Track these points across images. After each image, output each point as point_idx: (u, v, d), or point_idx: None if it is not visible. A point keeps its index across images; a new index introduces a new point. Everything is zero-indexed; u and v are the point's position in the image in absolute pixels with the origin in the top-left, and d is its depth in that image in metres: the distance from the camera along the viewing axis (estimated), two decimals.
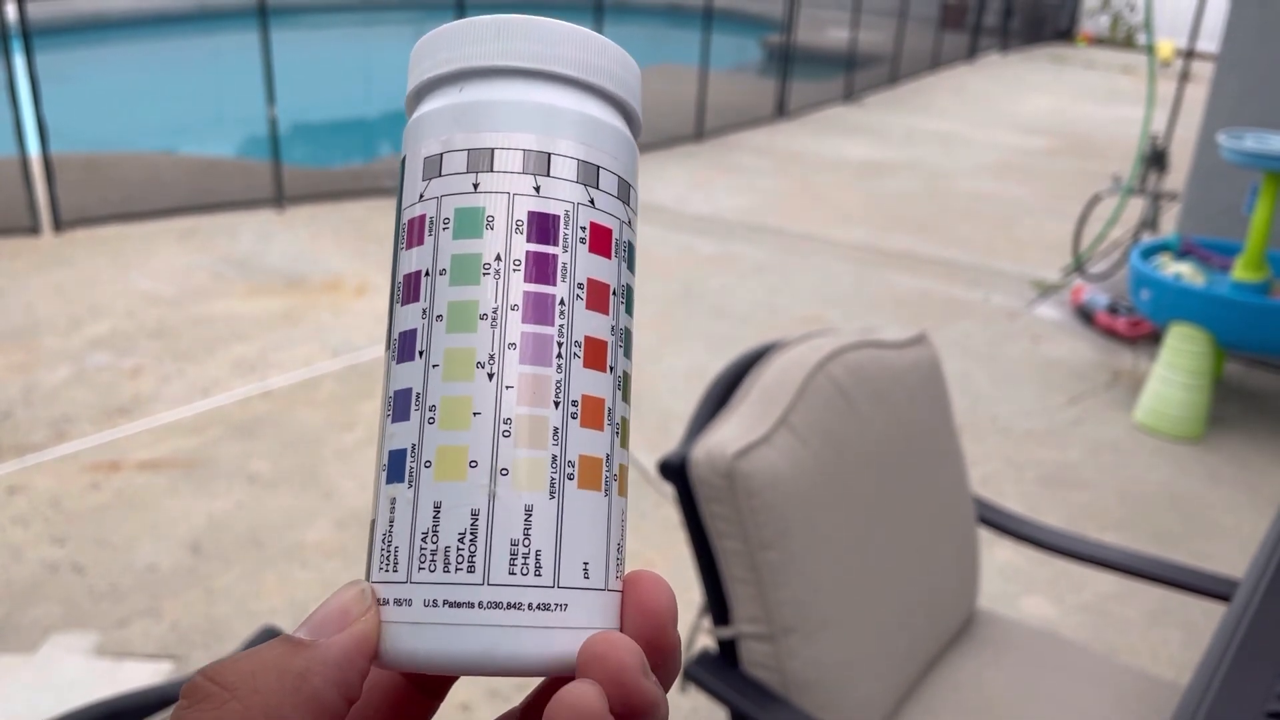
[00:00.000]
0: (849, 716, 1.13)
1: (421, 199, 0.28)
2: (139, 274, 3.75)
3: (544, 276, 0.27)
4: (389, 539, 0.26)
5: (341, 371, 3.03)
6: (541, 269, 0.27)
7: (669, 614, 0.27)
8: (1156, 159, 4.20)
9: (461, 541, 0.25)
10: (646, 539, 2.25)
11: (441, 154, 0.27)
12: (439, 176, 0.27)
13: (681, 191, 5.36)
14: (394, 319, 0.28)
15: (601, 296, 0.27)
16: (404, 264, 0.28)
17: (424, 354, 0.27)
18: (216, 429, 2.66)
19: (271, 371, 3.01)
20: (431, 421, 0.26)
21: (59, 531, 2.20)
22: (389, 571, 0.26)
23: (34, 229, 4.08)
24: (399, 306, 0.28)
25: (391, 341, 0.28)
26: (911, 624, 1.25)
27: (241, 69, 4.70)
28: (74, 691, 1.75)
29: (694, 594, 1.17)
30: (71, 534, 2.20)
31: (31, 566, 2.09)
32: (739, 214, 5.03)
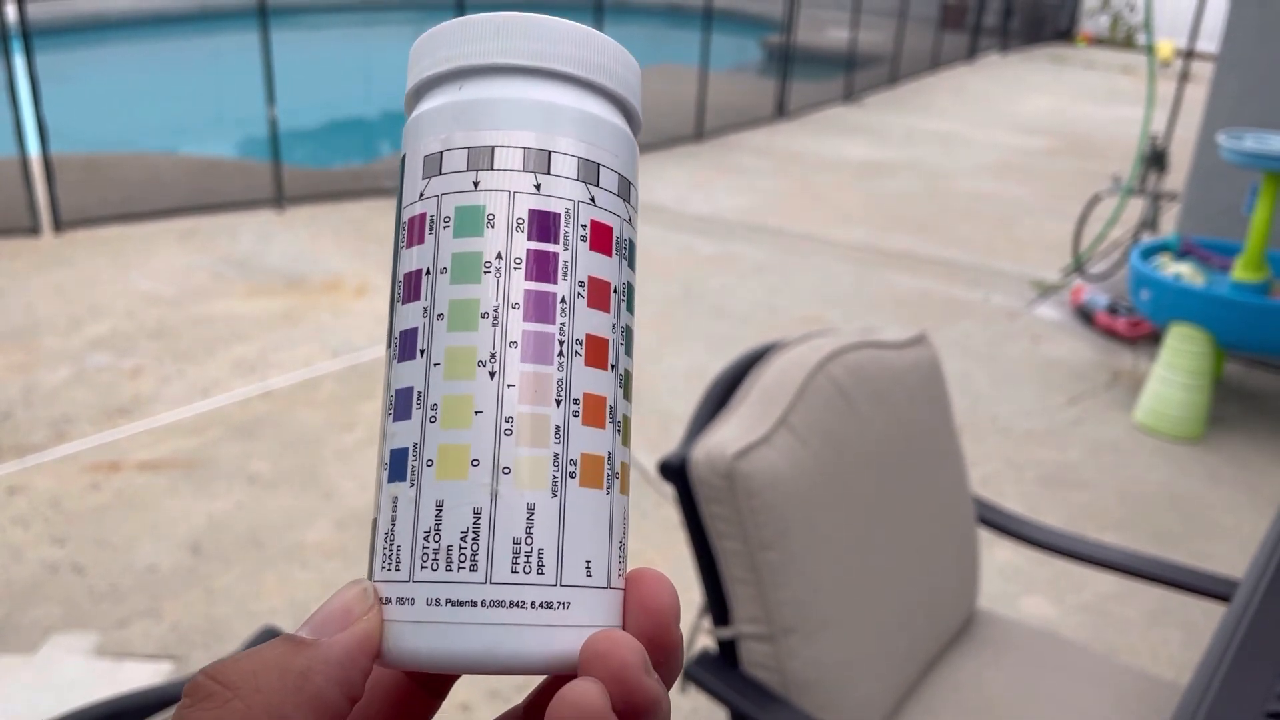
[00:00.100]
0: (849, 717, 1.13)
1: (422, 197, 0.28)
2: (139, 274, 3.75)
3: (545, 274, 0.26)
4: (391, 538, 0.26)
5: (341, 372, 3.03)
6: (542, 267, 0.27)
7: (671, 612, 0.27)
8: (1156, 159, 4.20)
9: (464, 540, 0.25)
10: (647, 539, 2.25)
11: (441, 152, 0.27)
12: (439, 175, 0.27)
13: (681, 191, 5.36)
14: (395, 318, 0.28)
15: (603, 294, 0.27)
16: (404, 263, 0.28)
17: (425, 353, 0.27)
18: (216, 429, 2.66)
19: (271, 372, 3.01)
20: (433, 420, 0.26)
21: (59, 532, 2.20)
22: (391, 570, 0.26)
23: (34, 229, 4.09)
24: (400, 305, 0.28)
25: (392, 340, 0.28)
26: (911, 624, 1.25)
27: (241, 69, 4.70)
28: (74, 692, 1.75)
29: (694, 594, 1.17)
30: (71, 534, 2.20)
31: (31, 567, 2.09)
32: (739, 214, 5.03)
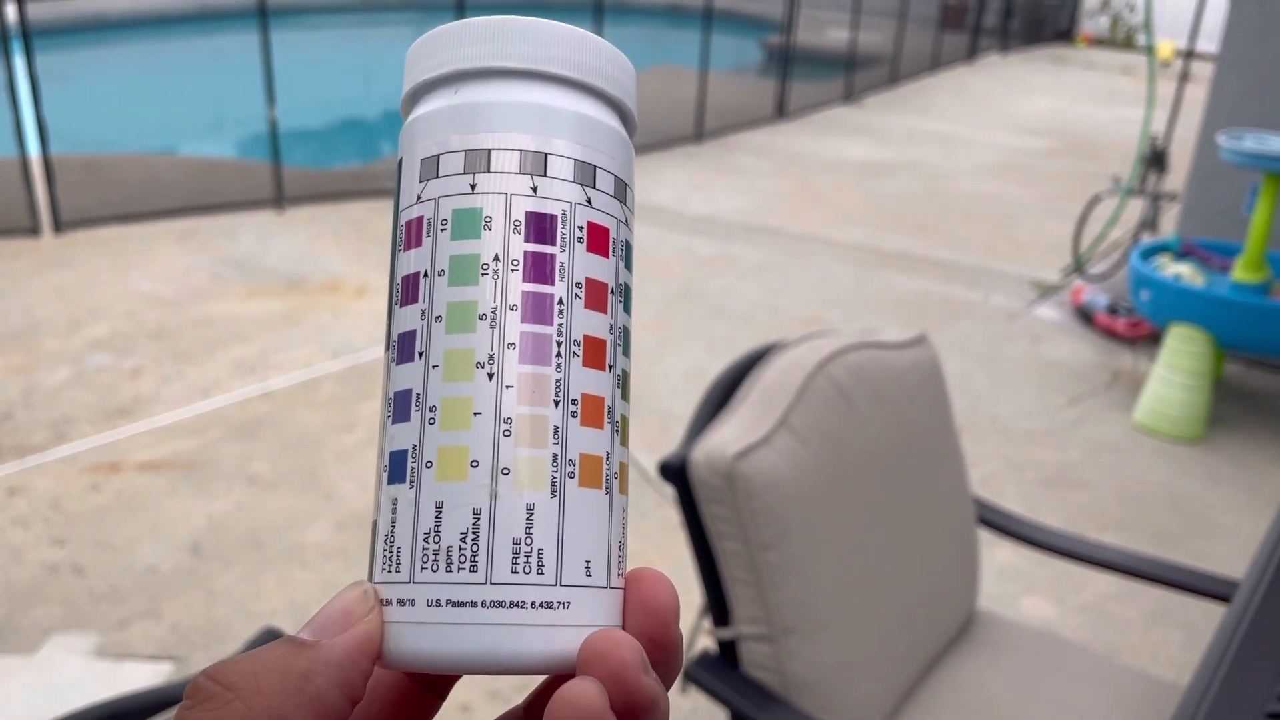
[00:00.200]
0: (849, 717, 1.13)
1: (419, 200, 0.28)
2: (139, 275, 3.75)
3: (542, 276, 0.27)
4: (391, 540, 0.26)
5: (341, 373, 3.03)
6: (539, 269, 0.27)
7: (671, 611, 0.27)
8: (1156, 159, 4.20)
9: (464, 541, 0.25)
10: (647, 539, 2.25)
11: (438, 155, 0.28)
12: (436, 178, 0.27)
13: (681, 192, 5.36)
14: (393, 320, 0.28)
15: (600, 295, 0.27)
16: (402, 265, 0.28)
17: (423, 355, 0.27)
18: (216, 430, 2.66)
19: (271, 373, 3.01)
20: (432, 422, 0.26)
21: (59, 533, 2.20)
22: (391, 572, 0.26)
23: (34, 230, 4.09)
24: (398, 308, 0.28)
25: (391, 343, 0.28)
26: (911, 624, 1.25)
27: (241, 70, 4.70)
28: (74, 693, 1.75)
29: (694, 595, 1.17)
30: (71, 535, 2.20)
31: (31, 568, 2.09)
32: (739, 215, 5.03)
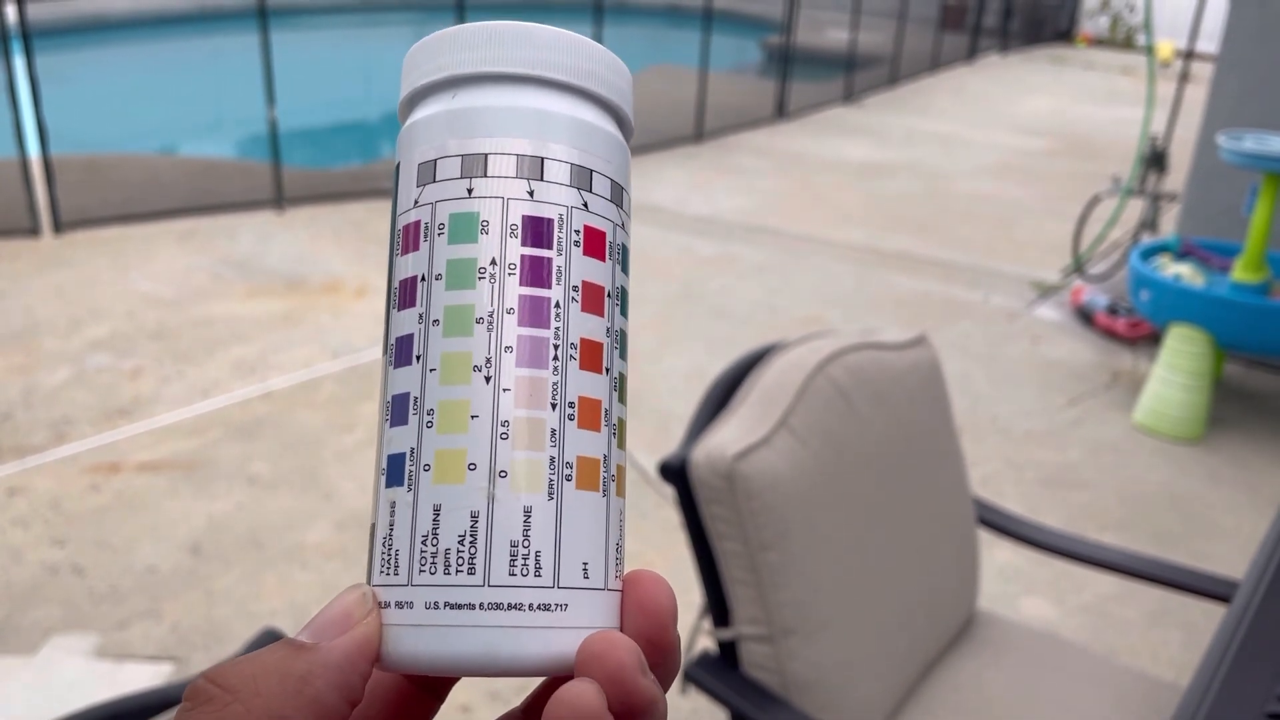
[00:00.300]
0: (849, 718, 1.13)
1: (416, 205, 0.28)
2: (139, 275, 3.75)
3: (539, 280, 0.27)
4: (389, 542, 0.26)
5: (341, 373, 3.03)
6: (536, 272, 0.27)
7: (669, 613, 0.27)
8: (1156, 160, 4.19)
9: (461, 543, 0.25)
10: (647, 540, 2.25)
11: (435, 160, 0.28)
12: (433, 182, 0.28)
13: (681, 192, 5.36)
14: (390, 324, 0.28)
15: (596, 299, 0.28)
16: (400, 270, 0.28)
17: (421, 358, 0.27)
18: (216, 430, 2.66)
19: (271, 373, 3.01)
20: (430, 425, 0.26)
21: (59, 533, 2.21)
22: (390, 574, 0.26)
23: (34, 230, 4.09)
24: (395, 312, 0.28)
25: (388, 347, 0.28)
26: (911, 625, 1.25)
27: (241, 70, 4.70)
28: (74, 693, 1.75)
29: (694, 595, 1.17)
30: (71, 536, 2.20)
31: (31, 568, 2.09)
32: (739, 215, 5.03)
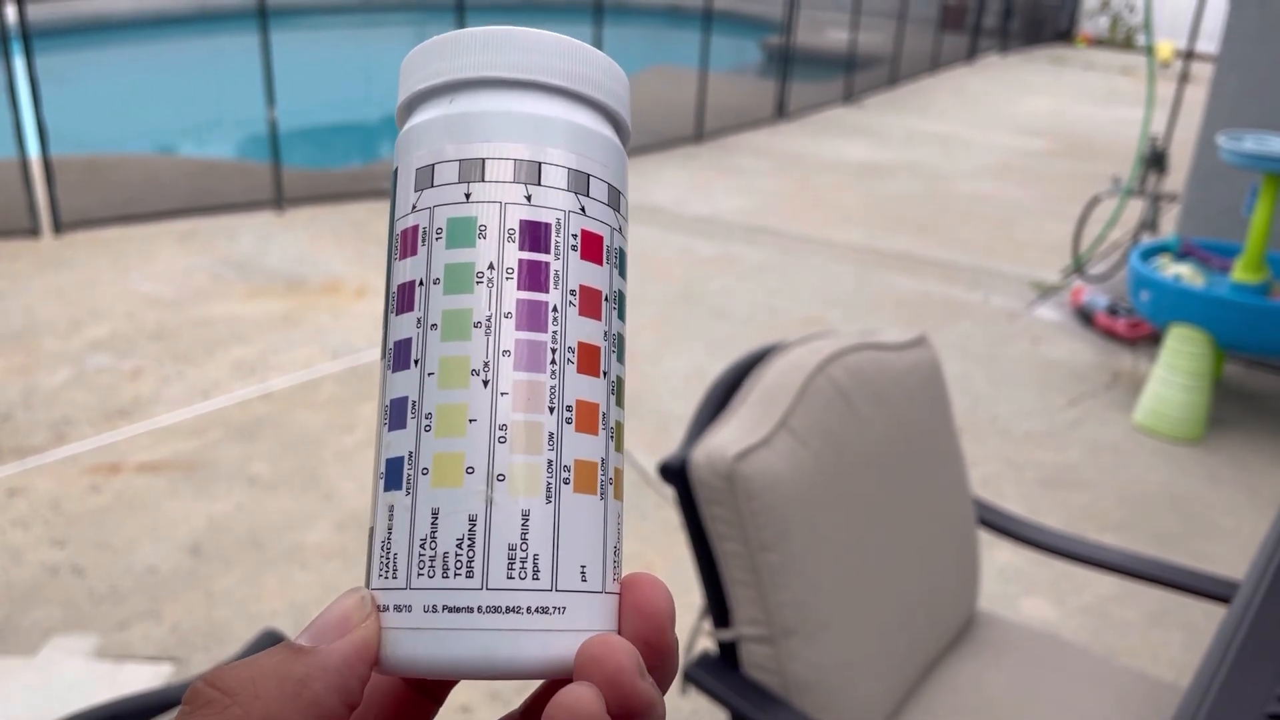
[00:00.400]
0: (849, 718, 1.13)
1: (414, 209, 0.28)
2: (139, 276, 3.75)
3: (537, 284, 0.27)
4: (388, 546, 0.26)
5: (341, 373, 3.03)
6: (534, 276, 0.27)
7: (667, 616, 0.27)
8: (1156, 160, 4.19)
9: (460, 547, 0.25)
10: (647, 541, 2.25)
11: (433, 165, 0.28)
12: (431, 187, 0.28)
13: (681, 193, 5.36)
14: (389, 328, 0.28)
15: (594, 302, 0.28)
16: (398, 274, 0.28)
17: (419, 362, 0.27)
18: (216, 431, 2.66)
19: (271, 373, 3.01)
20: (428, 429, 0.26)
21: (59, 534, 2.21)
22: (388, 578, 0.26)
23: (34, 231, 4.09)
24: (394, 316, 0.28)
25: (387, 351, 0.28)
26: (912, 625, 1.25)
27: (241, 71, 4.70)
28: (74, 694, 1.75)
29: (694, 596, 1.17)
30: (71, 536, 2.20)
31: (31, 569, 2.09)
32: (739, 215, 5.03)
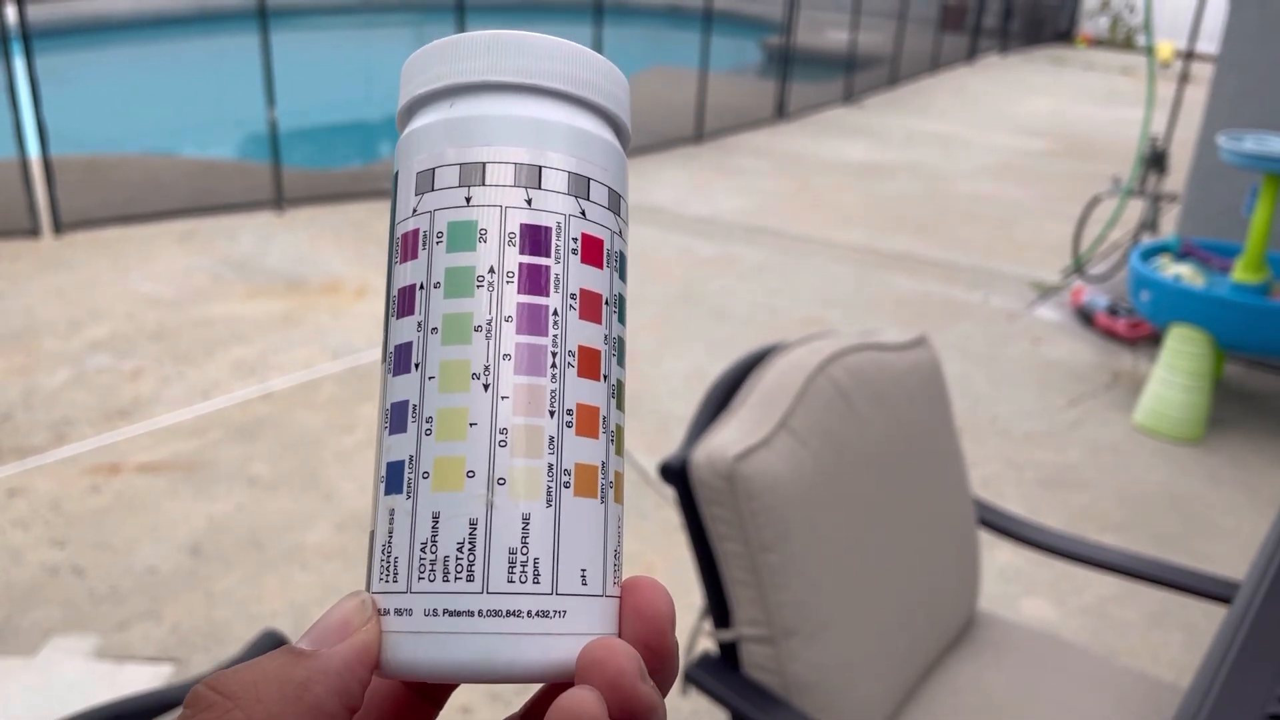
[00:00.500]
0: (850, 718, 1.13)
1: (415, 213, 0.28)
2: (139, 276, 3.75)
3: (537, 288, 0.27)
4: (388, 550, 0.26)
5: (341, 374, 3.03)
6: (534, 280, 0.27)
7: (667, 619, 0.27)
8: (1156, 160, 4.19)
9: (460, 551, 0.25)
10: (647, 541, 2.25)
11: (434, 168, 0.28)
12: (431, 191, 0.28)
13: (681, 193, 5.36)
14: (389, 332, 0.28)
15: (594, 306, 0.28)
16: (398, 278, 0.28)
17: (420, 366, 0.27)
18: (216, 431, 2.66)
19: (271, 374, 3.01)
20: (428, 433, 0.26)
21: (59, 534, 2.21)
22: (389, 582, 0.26)
23: (34, 231, 4.09)
24: (394, 320, 0.28)
25: (387, 355, 0.28)
26: (912, 626, 1.25)
27: (241, 71, 4.70)
28: (74, 694, 1.75)
29: (695, 596, 1.17)
30: (71, 536, 2.20)
31: (31, 569, 2.09)
32: (739, 216, 5.03)
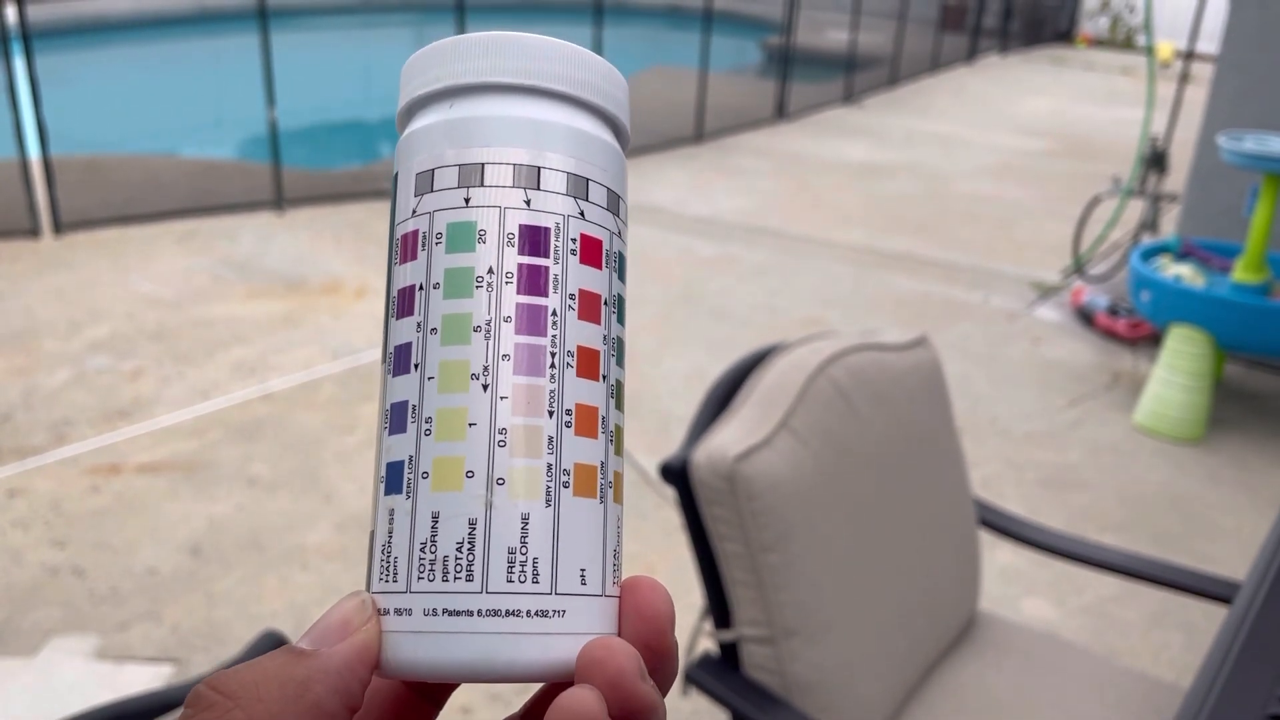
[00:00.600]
0: (850, 719, 1.13)
1: (414, 214, 0.28)
2: (139, 276, 3.75)
3: (536, 288, 0.27)
4: (388, 549, 0.27)
5: (341, 374, 3.03)
6: (533, 281, 0.27)
7: (667, 618, 0.27)
8: (1156, 160, 4.19)
9: (460, 551, 0.25)
10: (647, 541, 2.25)
11: (433, 169, 0.28)
12: (431, 192, 0.28)
13: (681, 193, 5.37)
14: (389, 333, 0.28)
15: (593, 306, 0.28)
16: (398, 279, 0.28)
17: (419, 367, 0.27)
18: (216, 432, 2.66)
19: (271, 374, 3.01)
20: (428, 433, 0.26)
21: (59, 535, 2.21)
22: (389, 581, 0.26)
23: (34, 232, 4.09)
24: (394, 321, 0.28)
25: (387, 355, 0.28)
26: (912, 626, 1.25)
27: (241, 71, 4.70)
28: (74, 695, 1.75)
29: (695, 597, 1.17)
30: (72, 537, 2.20)
31: (32, 570, 2.09)
32: (739, 216, 5.03)
